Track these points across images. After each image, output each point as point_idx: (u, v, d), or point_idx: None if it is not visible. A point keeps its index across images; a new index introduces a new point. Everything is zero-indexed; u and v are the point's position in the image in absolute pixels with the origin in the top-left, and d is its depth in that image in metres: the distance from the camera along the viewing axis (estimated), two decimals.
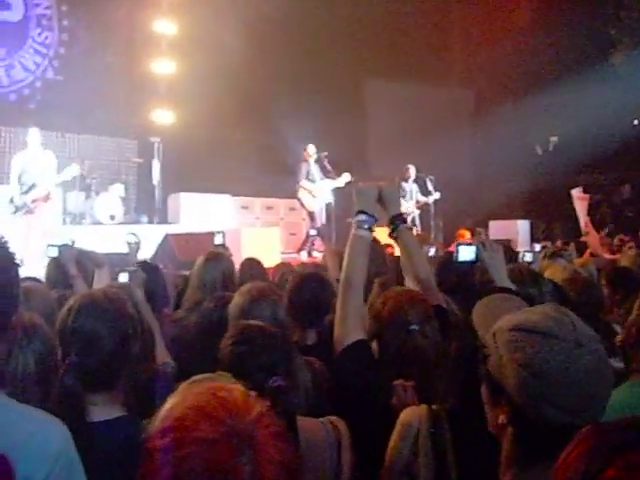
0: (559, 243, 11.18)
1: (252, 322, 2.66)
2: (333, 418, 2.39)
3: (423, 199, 12.92)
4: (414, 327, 2.60)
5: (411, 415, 2.19)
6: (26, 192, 8.98)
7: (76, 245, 4.59)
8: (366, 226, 2.75)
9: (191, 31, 14.17)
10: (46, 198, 9.06)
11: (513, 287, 2.94)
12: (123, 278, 4.16)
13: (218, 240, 5.92)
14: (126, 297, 2.55)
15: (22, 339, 2.23)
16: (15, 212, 9.03)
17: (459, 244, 3.09)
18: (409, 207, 12.54)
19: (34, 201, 9.00)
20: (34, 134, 9.23)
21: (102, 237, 9.97)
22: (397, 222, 2.92)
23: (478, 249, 2.96)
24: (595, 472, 1.04)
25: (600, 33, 17.21)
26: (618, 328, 3.59)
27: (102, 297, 2.34)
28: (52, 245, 4.36)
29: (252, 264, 4.93)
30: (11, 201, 9.03)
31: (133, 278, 3.86)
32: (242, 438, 1.09)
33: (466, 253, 3.01)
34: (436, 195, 13.01)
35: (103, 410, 2.18)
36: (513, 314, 1.65)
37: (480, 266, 3.21)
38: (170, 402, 1.20)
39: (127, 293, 3.22)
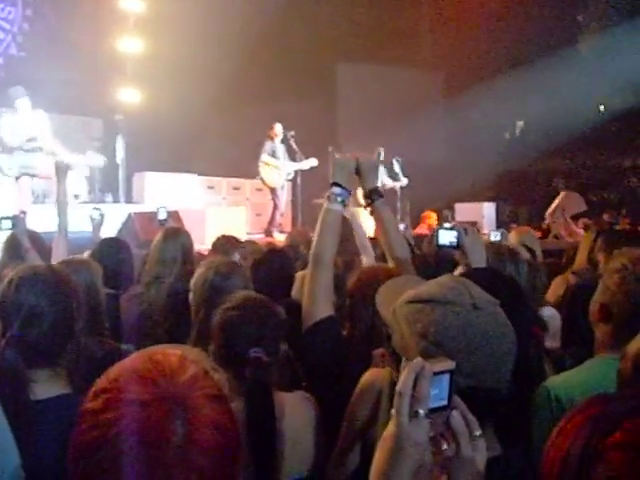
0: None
1: (254, 293, 2.64)
2: (306, 394, 2.40)
3: (390, 183, 12.86)
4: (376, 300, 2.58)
5: (373, 377, 2.17)
6: (26, 152, 8.65)
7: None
8: (339, 199, 2.70)
9: (159, 9, 13.96)
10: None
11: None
12: (6, 225, 4.09)
13: (161, 215, 5.81)
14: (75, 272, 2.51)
15: None
16: (10, 169, 8.62)
17: (439, 228, 3.04)
18: None
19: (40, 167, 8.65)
20: (25, 102, 8.81)
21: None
22: (374, 196, 2.86)
23: (460, 234, 2.89)
24: (600, 437, 1.00)
25: (568, 18, 17.32)
26: None
27: (45, 270, 2.29)
28: (5, 218, 4.29)
29: (230, 240, 4.85)
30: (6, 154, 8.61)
31: (17, 224, 3.81)
32: (175, 401, 1.07)
33: (447, 237, 2.93)
34: (403, 181, 12.97)
35: (46, 387, 2.12)
36: (411, 289, 1.64)
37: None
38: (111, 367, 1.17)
39: (85, 267, 3.17)
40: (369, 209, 2.91)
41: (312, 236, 2.83)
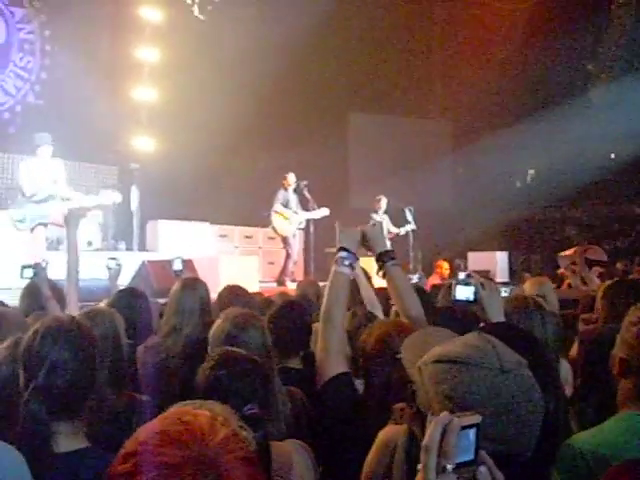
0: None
1: (232, 348, 2.63)
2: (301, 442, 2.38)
3: (395, 230, 12.83)
4: (400, 355, 2.57)
5: (389, 434, 2.15)
6: (38, 202, 8.62)
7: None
8: (347, 262, 2.81)
9: (173, 58, 14.21)
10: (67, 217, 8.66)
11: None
12: (27, 274, 4.10)
13: (177, 265, 5.81)
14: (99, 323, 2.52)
15: None
16: (21, 222, 8.60)
17: (456, 282, 3.05)
18: None
19: (52, 215, 8.60)
20: (47, 150, 8.84)
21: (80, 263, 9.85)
22: (385, 259, 2.92)
23: (477, 289, 2.91)
24: None
25: (578, 67, 17.46)
26: None
27: (69, 322, 2.31)
28: (27, 266, 4.31)
29: (236, 291, 4.82)
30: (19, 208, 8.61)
31: (38, 273, 3.81)
32: (206, 463, 1.06)
33: (464, 292, 2.95)
34: (408, 227, 12.92)
35: (66, 440, 2.12)
36: (437, 346, 1.62)
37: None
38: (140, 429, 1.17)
39: (109, 318, 3.17)
40: (381, 272, 2.97)
41: (321, 286, 2.90)
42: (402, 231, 12.86)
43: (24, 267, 4.39)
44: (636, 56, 16.93)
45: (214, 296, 4.71)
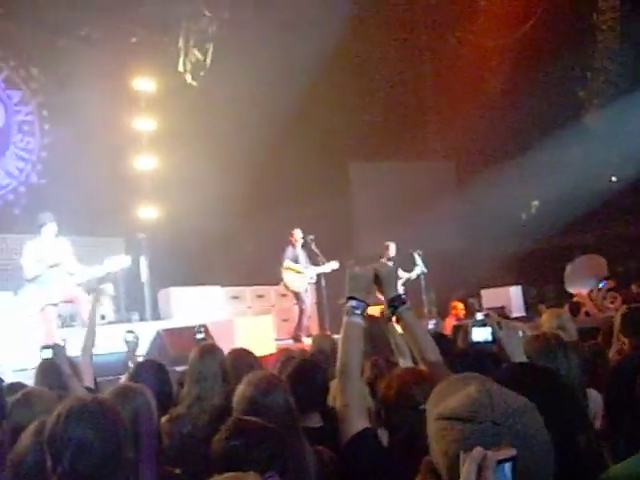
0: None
1: (245, 417, 2.62)
2: None
3: (406, 275, 12.80)
4: (423, 406, 2.54)
5: None
6: (43, 284, 8.52)
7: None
8: (358, 311, 2.71)
9: (170, 126, 14.39)
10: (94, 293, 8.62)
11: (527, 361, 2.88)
12: (46, 354, 4.11)
13: (199, 335, 5.87)
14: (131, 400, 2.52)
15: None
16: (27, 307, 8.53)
17: (472, 324, 3.02)
18: None
19: (61, 293, 8.58)
20: (51, 228, 8.86)
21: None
22: (397, 304, 2.84)
23: (494, 329, 2.87)
24: None
25: (570, 95, 17.59)
26: None
27: (91, 402, 2.30)
28: (46, 347, 4.33)
29: (241, 354, 4.80)
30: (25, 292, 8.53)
31: (57, 353, 3.81)
32: None
33: (481, 334, 2.92)
34: (418, 269, 12.88)
35: None
36: (442, 401, 1.61)
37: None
38: None
39: (140, 393, 3.16)
40: (394, 318, 2.91)
41: (336, 339, 2.83)
42: (413, 275, 12.84)
43: (43, 348, 4.40)
44: (625, 80, 17.06)
45: None
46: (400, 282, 12.67)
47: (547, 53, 16.98)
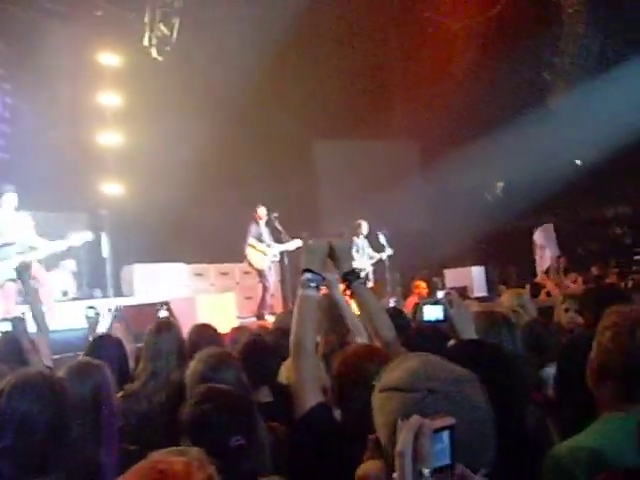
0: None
1: (213, 385, 2.62)
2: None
3: (376, 255, 12.86)
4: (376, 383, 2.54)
5: (369, 469, 2.14)
6: (2, 259, 8.32)
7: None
8: (313, 284, 2.68)
9: (135, 102, 14.23)
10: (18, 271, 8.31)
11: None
12: (5, 327, 4.07)
13: (163, 314, 5.83)
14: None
15: None
16: None
17: (424, 303, 3.02)
18: (363, 262, 12.54)
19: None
20: (11, 198, 8.63)
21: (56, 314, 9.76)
22: (351, 278, 2.85)
23: (445, 307, 2.87)
24: None
25: (535, 78, 17.69)
26: None
27: (36, 376, 2.26)
28: (4, 319, 4.27)
29: (203, 330, 4.81)
30: None
31: (17, 326, 3.77)
32: None
33: (432, 312, 2.91)
34: (388, 251, 12.94)
35: None
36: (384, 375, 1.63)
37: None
38: None
39: (99, 368, 3.14)
40: (348, 292, 2.90)
41: None
42: (384, 256, 12.90)
43: (1, 320, 4.34)
44: (591, 62, 17.18)
45: None
46: (371, 262, 12.77)
47: (513, 35, 17.01)
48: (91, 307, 5.53)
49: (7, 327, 4.29)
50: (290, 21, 14.38)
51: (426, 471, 1.19)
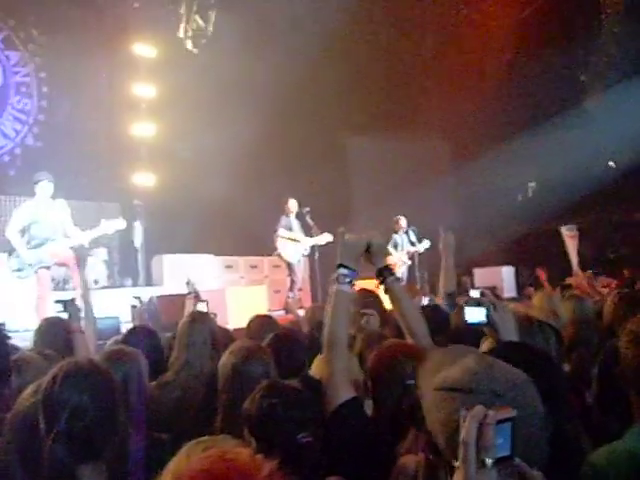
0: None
1: (277, 380, 2.64)
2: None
3: (413, 249, 12.88)
4: (411, 382, 2.48)
5: (409, 461, 2.14)
6: (36, 247, 8.40)
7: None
8: (347, 280, 2.69)
9: (169, 93, 14.30)
10: (77, 258, 8.27)
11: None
12: (58, 308, 4.09)
13: (201, 307, 5.87)
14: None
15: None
16: (20, 271, 8.36)
17: (466, 305, 2.99)
18: (403, 257, 12.55)
19: (54, 256, 8.41)
20: (47, 186, 8.62)
21: None
22: (385, 274, 2.86)
23: (489, 310, 2.83)
24: None
25: (571, 79, 17.52)
26: None
27: (87, 365, 2.30)
28: (59, 301, 4.29)
29: (264, 320, 4.86)
30: (15, 257, 8.37)
31: (70, 309, 3.78)
32: None
33: (475, 315, 2.86)
34: (425, 243, 12.91)
35: None
36: (441, 372, 1.62)
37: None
38: (173, 466, 1.16)
39: (132, 356, 3.17)
40: (382, 287, 2.91)
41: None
42: (421, 248, 12.89)
43: (56, 301, 4.36)
44: (628, 64, 16.98)
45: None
46: (406, 256, 12.78)
47: (551, 35, 16.87)
48: (137, 297, 5.59)
49: (59, 308, 4.31)
50: (327, 20, 14.35)
51: (489, 461, 1.20)
